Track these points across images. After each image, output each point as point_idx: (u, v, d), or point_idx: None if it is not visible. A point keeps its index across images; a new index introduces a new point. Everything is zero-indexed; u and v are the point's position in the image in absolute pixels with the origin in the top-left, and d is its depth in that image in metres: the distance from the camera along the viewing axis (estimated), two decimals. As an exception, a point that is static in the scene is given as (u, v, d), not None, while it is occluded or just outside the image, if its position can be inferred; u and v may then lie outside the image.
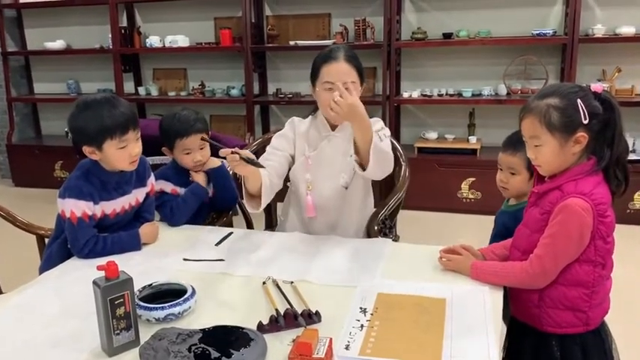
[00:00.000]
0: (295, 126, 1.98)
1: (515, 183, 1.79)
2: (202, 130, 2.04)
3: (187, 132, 2.00)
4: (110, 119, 1.65)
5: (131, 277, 1.25)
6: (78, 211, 1.69)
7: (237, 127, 4.75)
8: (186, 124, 2.01)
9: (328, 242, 1.80)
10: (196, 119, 2.04)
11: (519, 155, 1.74)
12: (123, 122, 1.67)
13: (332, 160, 1.92)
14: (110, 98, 1.69)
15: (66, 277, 1.61)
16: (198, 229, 1.96)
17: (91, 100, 1.68)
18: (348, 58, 1.82)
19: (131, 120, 1.70)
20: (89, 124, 1.66)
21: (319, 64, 1.84)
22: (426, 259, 1.65)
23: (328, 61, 1.82)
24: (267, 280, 1.55)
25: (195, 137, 2.01)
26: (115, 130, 1.66)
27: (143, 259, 1.72)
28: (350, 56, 1.83)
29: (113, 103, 1.68)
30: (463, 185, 4.09)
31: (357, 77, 1.83)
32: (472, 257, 1.57)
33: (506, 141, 1.81)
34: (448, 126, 4.39)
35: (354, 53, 1.86)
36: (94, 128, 1.66)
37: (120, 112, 1.67)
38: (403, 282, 1.52)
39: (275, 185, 1.88)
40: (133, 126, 1.71)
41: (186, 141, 2.00)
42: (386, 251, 1.72)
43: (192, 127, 2.01)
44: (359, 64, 1.85)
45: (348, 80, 1.78)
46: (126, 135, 1.68)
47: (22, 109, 5.38)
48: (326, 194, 1.92)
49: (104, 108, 1.66)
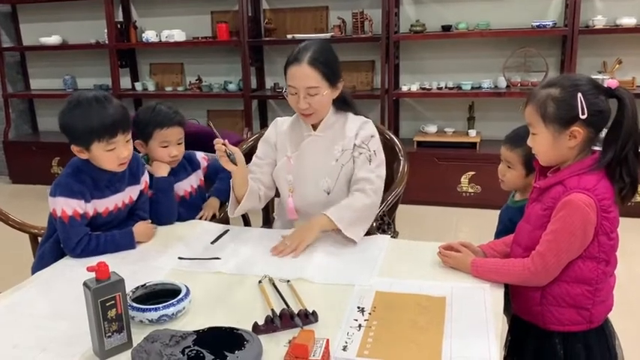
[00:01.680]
0: (278, 126, 1.93)
1: (510, 176, 1.78)
2: (182, 124, 2.01)
3: (168, 123, 1.95)
4: (98, 121, 1.61)
5: (122, 279, 1.22)
6: (69, 209, 1.66)
7: (234, 122, 4.71)
8: (166, 116, 1.96)
9: (325, 239, 1.76)
10: (176, 112, 2.00)
11: (516, 151, 1.72)
12: (111, 125, 1.62)
13: (314, 163, 1.86)
14: (101, 98, 1.64)
15: (58, 278, 1.58)
16: (194, 226, 1.93)
17: (82, 99, 1.64)
18: (311, 61, 1.72)
19: (120, 123, 1.65)
20: (77, 124, 1.62)
21: (286, 65, 1.78)
22: (426, 256, 1.62)
23: (292, 63, 1.75)
24: (264, 279, 1.52)
25: (174, 130, 1.97)
26: (102, 132, 1.62)
27: (137, 257, 1.69)
28: (314, 59, 1.72)
29: (103, 103, 1.62)
30: (463, 179, 4.05)
31: (323, 81, 1.74)
32: (472, 254, 1.54)
33: (510, 134, 1.78)
34: (447, 119, 4.36)
35: (325, 54, 1.76)
36: (82, 129, 1.62)
37: (109, 113, 1.62)
38: (402, 280, 1.49)
39: (266, 196, 1.91)
40: (123, 129, 1.66)
41: (166, 132, 1.95)
42: (384, 248, 1.69)
43: (173, 119, 1.97)
44: (326, 67, 1.74)
45: (310, 85, 1.73)
46: (114, 138, 1.64)
47: (18, 105, 5.34)
48: (309, 199, 1.87)
49: (93, 108, 1.61)
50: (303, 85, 1.73)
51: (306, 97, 1.74)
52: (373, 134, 1.85)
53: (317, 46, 1.77)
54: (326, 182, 1.86)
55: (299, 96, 1.74)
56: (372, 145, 1.82)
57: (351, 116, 1.88)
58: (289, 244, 1.68)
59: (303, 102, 1.75)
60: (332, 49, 1.82)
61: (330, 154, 1.84)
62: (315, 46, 1.77)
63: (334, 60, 1.80)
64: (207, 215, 2.06)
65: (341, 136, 1.84)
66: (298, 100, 1.75)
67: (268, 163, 1.92)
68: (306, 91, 1.73)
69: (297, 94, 1.75)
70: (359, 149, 1.82)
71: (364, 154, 1.81)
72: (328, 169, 1.85)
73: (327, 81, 1.75)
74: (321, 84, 1.74)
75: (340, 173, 1.85)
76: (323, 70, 1.73)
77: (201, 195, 2.13)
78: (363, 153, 1.81)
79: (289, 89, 1.77)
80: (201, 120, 4.71)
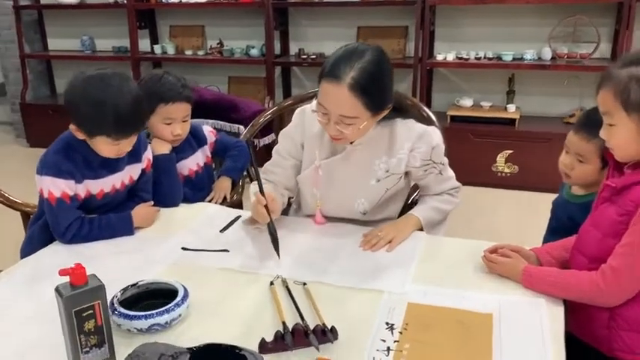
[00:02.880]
0: (306, 125, 1.56)
1: (581, 172, 1.49)
2: (190, 100, 1.76)
3: (174, 98, 1.71)
4: (113, 118, 1.39)
5: (102, 284, 1.01)
6: (56, 190, 1.46)
7: (256, 90, 4.46)
8: (173, 89, 1.72)
9: (351, 233, 1.53)
10: (185, 86, 1.76)
11: (594, 142, 1.42)
12: (126, 127, 1.43)
13: (348, 181, 1.54)
14: (124, 90, 1.41)
15: (43, 268, 1.38)
16: (202, 210, 1.71)
17: (99, 84, 1.40)
18: (354, 86, 1.31)
19: (136, 125, 1.46)
20: (88, 113, 1.40)
21: (321, 75, 1.37)
22: (467, 258, 1.38)
23: (328, 78, 1.34)
24: (276, 280, 1.30)
25: (181, 106, 1.73)
26: (113, 131, 1.42)
27: (135, 246, 1.49)
28: (358, 83, 1.30)
29: (124, 97, 1.40)
30: (499, 158, 3.76)
31: (364, 111, 1.35)
32: (523, 261, 1.30)
33: (583, 119, 1.49)
34: (485, 92, 4.04)
35: (373, 77, 1.33)
36: (92, 120, 1.41)
37: (127, 112, 1.40)
38: (439, 289, 1.26)
39: (290, 195, 1.67)
40: (136, 130, 1.48)
41: (170, 108, 1.71)
42: (418, 247, 1.45)
43: (181, 93, 1.73)
44: (371, 96, 1.34)
45: (346, 114, 1.34)
46: (125, 139, 1.45)
47: (35, 67, 5.16)
48: (340, 215, 1.61)
49: (110, 101, 1.39)
50: (336, 112, 1.36)
51: (339, 124, 1.37)
52: (434, 146, 1.51)
53: (366, 63, 1.32)
54: (362, 204, 1.57)
55: (329, 120, 1.38)
56: (437, 157, 1.53)
57: (400, 124, 1.49)
58: (383, 235, 1.45)
59: (333, 128, 1.39)
60: (385, 68, 1.37)
61: (370, 172, 1.52)
62: (362, 62, 1.32)
63: (384, 85, 1.37)
64: (217, 198, 1.84)
65: (386, 151, 1.50)
66: (328, 124, 1.39)
67: (292, 165, 1.62)
68: (339, 118, 1.36)
69: (328, 118, 1.38)
70: (424, 167, 1.53)
71: (433, 172, 1.55)
72: (366, 191, 1.55)
73: (370, 111, 1.37)
74: (361, 114, 1.36)
75: (382, 197, 1.57)
76: (366, 100, 1.33)
77: (208, 174, 1.91)
78: (431, 172, 1.55)
79: (319, 107, 1.40)
80: (222, 87, 4.49)
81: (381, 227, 1.51)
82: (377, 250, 1.44)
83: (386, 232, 1.47)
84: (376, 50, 1.38)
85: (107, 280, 1.04)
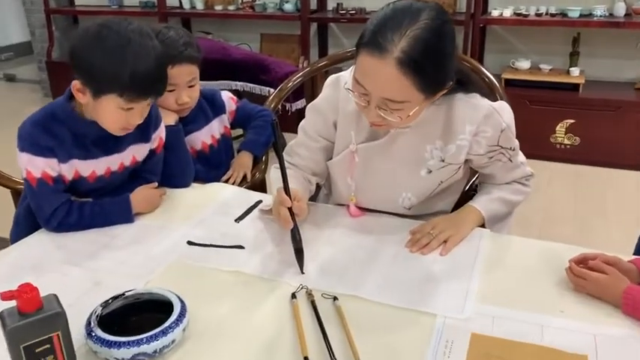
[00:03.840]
0: (340, 97, 1.24)
1: None
2: (196, 59, 1.46)
3: (175, 59, 1.41)
4: (132, 69, 1.11)
5: (62, 311, 0.76)
6: (35, 170, 1.20)
7: (290, 49, 4.13)
8: (173, 48, 1.41)
9: (394, 229, 1.24)
10: (188, 43, 1.45)
11: None
12: (146, 81, 1.14)
13: (391, 171, 1.24)
14: (144, 40, 1.15)
15: (18, 264, 1.14)
16: (216, 192, 1.44)
17: (119, 31, 1.13)
18: (404, 61, 0.98)
19: (159, 84, 1.19)
20: (100, 60, 1.12)
21: (359, 42, 1.05)
22: (546, 267, 1.08)
23: (368, 49, 1.02)
24: (299, 291, 1.03)
25: (183, 68, 1.44)
26: (130, 87, 1.13)
27: (131, 238, 1.23)
28: (410, 58, 0.98)
29: (146, 48, 1.14)
30: (558, 128, 3.37)
31: (415, 93, 1.03)
32: (623, 277, 0.98)
33: None
34: (544, 54, 3.62)
35: (430, 49, 1.00)
36: (104, 69, 1.12)
37: (150, 64, 1.13)
38: (511, 313, 0.96)
39: (314, 184, 1.36)
40: (157, 93, 1.21)
41: (171, 72, 1.39)
42: (481, 251, 1.15)
43: (182, 53, 1.42)
44: (426, 75, 1.01)
45: (391, 98, 1.03)
46: (141, 101, 1.17)
47: (61, 22, 4.95)
48: (378, 208, 1.32)
49: (131, 49, 1.12)
50: (379, 94, 1.05)
51: (382, 109, 1.07)
52: (504, 128, 1.17)
53: (420, 30, 0.99)
54: (408, 199, 1.27)
55: (370, 103, 1.07)
56: (506, 142, 1.20)
57: (461, 100, 1.17)
58: (436, 233, 1.16)
59: (374, 113, 1.08)
60: (446, 36, 1.03)
61: (420, 161, 1.22)
62: (416, 28, 0.99)
63: (444, 59, 1.04)
64: (235, 177, 1.57)
65: (442, 135, 1.19)
66: (367, 107, 1.09)
67: (322, 147, 1.31)
68: (382, 102, 1.05)
69: (368, 100, 1.07)
70: (489, 154, 1.22)
71: (501, 160, 1.24)
72: (414, 183, 1.24)
73: (424, 93, 1.04)
74: (413, 97, 1.04)
75: (434, 192, 1.26)
76: (420, 80, 1.01)
77: (226, 148, 1.63)
78: (497, 159, 1.23)
79: (355, 85, 1.08)
80: (254, 46, 4.18)
81: (432, 222, 1.21)
82: (428, 252, 1.14)
83: (440, 229, 1.17)
84: (435, 10, 1.02)
85: (90, 284, 0.90)
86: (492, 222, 1.26)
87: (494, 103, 1.18)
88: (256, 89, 3.17)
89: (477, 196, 1.30)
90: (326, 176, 1.37)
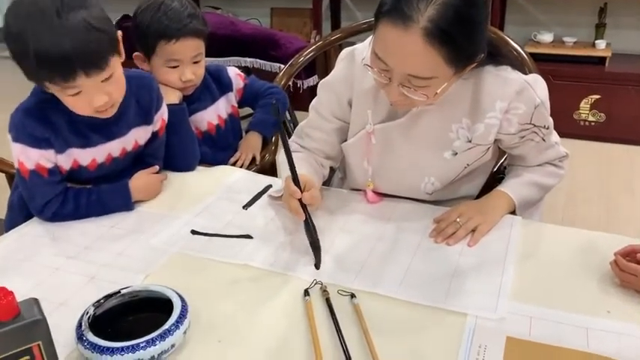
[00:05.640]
0: (355, 73, 1.12)
1: None
2: (201, 33, 1.35)
3: (178, 33, 1.30)
4: (42, 49, 0.96)
5: (42, 318, 0.66)
6: (29, 162, 1.10)
7: (301, 23, 3.99)
8: (176, 20, 1.30)
9: (416, 216, 1.13)
10: (192, 15, 1.33)
11: None
12: (61, 60, 0.96)
13: (412, 153, 1.13)
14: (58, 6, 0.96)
15: (13, 255, 1.05)
16: (223, 176, 1.34)
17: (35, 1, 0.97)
18: (430, 31, 0.87)
19: (80, 58, 0.97)
20: (12, 46, 0.99)
21: (379, 10, 0.93)
22: (587, 258, 0.98)
23: (390, 19, 0.89)
24: (312, 287, 0.93)
25: (188, 43, 1.33)
26: (48, 69, 0.98)
27: (131, 227, 1.14)
28: (438, 28, 0.86)
29: (59, 19, 0.95)
30: (583, 104, 3.22)
31: (443, 67, 0.91)
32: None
33: None
34: (568, 26, 3.44)
35: (461, 17, 0.88)
36: (15, 56, 0.99)
37: (59, 41, 0.95)
38: (550, 313, 0.86)
39: (327, 169, 1.26)
40: (85, 67, 0.98)
41: (174, 46, 1.31)
42: (513, 241, 1.04)
43: (187, 25, 1.31)
44: (456, 46, 0.89)
45: (416, 74, 0.92)
46: (71, 80, 1.00)
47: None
48: (398, 194, 1.21)
49: (41, 25, 0.95)
50: (403, 70, 0.93)
51: (405, 87, 0.95)
52: (537, 104, 1.06)
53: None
54: (431, 184, 1.15)
55: (391, 80, 0.95)
56: (539, 120, 1.09)
57: (490, 74, 1.05)
58: (463, 221, 1.06)
59: (396, 91, 0.96)
60: (477, 1, 0.91)
61: (444, 142, 1.10)
62: None
63: (476, 28, 0.92)
64: (243, 159, 1.47)
65: (469, 112, 1.07)
66: (389, 85, 0.97)
67: (336, 128, 1.20)
68: (406, 78, 0.93)
69: (389, 77, 0.95)
70: (521, 134, 1.10)
71: (534, 140, 1.12)
72: (438, 166, 1.13)
73: (453, 66, 0.93)
74: (441, 72, 0.93)
75: (460, 175, 1.15)
76: (449, 52, 0.90)
77: (233, 128, 1.53)
78: (530, 139, 1.11)
79: (375, 60, 0.96)
80: (264, 20, 4.04)
81: (458, 209, 1.10)
82: (455, 243, 1.04)
83: (467, 217, 1.07)
84: None
85: (85, 279, 0.91)
86: (524, 208, 1.14)
87: (527, 77, 1.07)
88: (266, 66, 3.05)
89: (507, 179, 1.19)
90: (340, 159, 1.26)
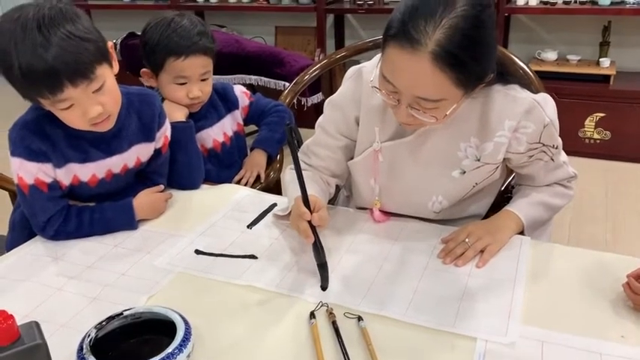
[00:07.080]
0: (362, 91, 1.11)
1: None
2: (210, 51, 1.36)
3: (187, 51, 1.31)
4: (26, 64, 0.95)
5: (42, 342, 0.65)
6: (28, 176, 1.10)
7: (305, 42, 4.01)
8: (185, 38, 1.31)
9: (424, 236, 1.12)
10: (202, 33, 1.34)
11: None
12: (49, 73, 0.95)
13: (420, 172, 1.12)
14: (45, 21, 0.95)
15: (14, 276, 1.04)
16: (228, 194, 1.32)
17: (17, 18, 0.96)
18: (438, 54, 0.86)
19: (67, 69, 0.96)
20: None
21: (386, 33, 0.92)
22: (598, 281, 0.95)
23: (399, 42, 0.88)
24: (318, 310, 0.91)
25: (197, 60, 1.34)
26: (33, 84, 0.98)
27: (134, 246, 1.13)
28: (446, 52, 0.86)
29: (43, 32, 0.94)
30: (588, 122, 3.20)
31: (452, 89, 0.90)
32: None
33: None
34: (573, 44, 3.45)
35: (468, 41, 0.87)
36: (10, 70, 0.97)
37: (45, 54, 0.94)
38: (563, 337, 0.84)
39: (333, 187, 1.24)
40: (70, 78, 0.97)
41: (183, 63, 1.32)
42: (524, 262, 1.02)
43: (196, 43, 1.32)
44: (464, 69, 0.88)
45: (425, 97, 0.91)
46: (59, 94, 0.98)
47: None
48: (404, 213, 1.19)
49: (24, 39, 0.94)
50: (411, 93, 0.92)
51: (414, 109, 0.95)
52: (547, 123, 1.04)
53: (458, 18, 0.86)
54: (439, 203, 1.14)
55: (400, 102, 0.95)
56: (549, 139, 1.07)
57: (499, 92, 1.04)
58: (472, 242, 1.04)
59: (404, 113, 0.96)
60: (486, 24, 0.89)
61: (452, 160, 1.09)
62: (453, 16, 0.86)
63: (485, 50, 0.91)
64: (248, 177, 1.46)
65: (478, 131, 1.06)
66: (397, 107, 0.97)
67: (343, 146, 1.19)
68: (415, 100, 0.93)
69: (398, 99, 0.95)
70: (530, 153, 1.09)
71: (542, 159, 1.11)
72: (445, 185, 1.12)
73: (462, 88, 0.92)
74: (450, 94, 0.92)
75: (468, 194, 1.14)
76: (458, 75, 0.89)
77: (239, 146, 1.52)
78: (538, 158, 1.10)
79: (383, 84, 0.96)
80: (268, 39, 4.06)
81: (467, 229, 1.08)
82: (464, 264, 1.02)
83: (475, 237, 1.05)
84: (470, 3, 0.88)
85: (87, 300, 0.91)
86: (532, 229, 1.13)
87: (536, 96, 1.06)
88: (271, 83, 3.06)
89: (515, 199, 1.18)
90: (346, 177, 1.25)
